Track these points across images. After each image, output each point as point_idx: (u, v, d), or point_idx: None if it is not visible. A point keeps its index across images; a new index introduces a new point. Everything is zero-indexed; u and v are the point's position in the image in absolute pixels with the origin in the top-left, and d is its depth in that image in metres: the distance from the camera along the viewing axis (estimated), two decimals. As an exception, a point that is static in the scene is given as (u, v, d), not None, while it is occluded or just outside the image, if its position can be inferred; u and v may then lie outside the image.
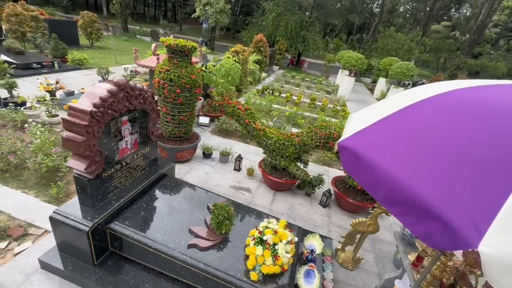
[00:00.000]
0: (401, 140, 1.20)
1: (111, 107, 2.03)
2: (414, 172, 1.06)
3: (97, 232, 2.13)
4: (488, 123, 1.01)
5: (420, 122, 1.20)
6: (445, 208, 0.93)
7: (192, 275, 2.12)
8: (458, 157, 1.00)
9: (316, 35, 16.87)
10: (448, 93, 1.22)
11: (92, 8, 36.05)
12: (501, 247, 0.80)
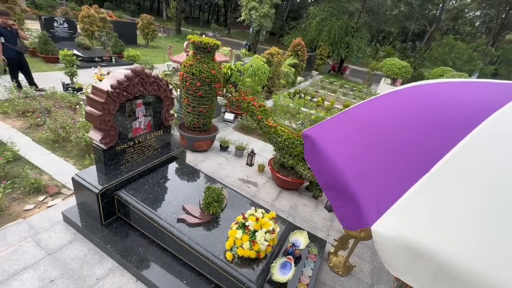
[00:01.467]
0: (347, 132, 1.24)
1: (126, 90, 2.37)
2: (348, 160, 1.09)
3: (106, 196, 2.49)
4: (420, 118, 0.99)
5: (367, 116, 1.21)
6: (361, 192, 0.95)
7: (177, 246, 2.33)
8: (385, 147, 1.00)
9: (362, 41, 16.17)
10: (399, 91, 1.21)
11: (155, 13, 40.03)
12: (394, 228, 0.81)
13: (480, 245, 0.72)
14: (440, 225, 0.78)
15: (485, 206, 0.76)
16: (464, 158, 0.82)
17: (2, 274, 2.12)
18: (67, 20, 9.55)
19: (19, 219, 2.66)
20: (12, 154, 3.44)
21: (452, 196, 0.79)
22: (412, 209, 0.82)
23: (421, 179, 0.84)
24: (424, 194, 0.82)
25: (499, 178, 0.77)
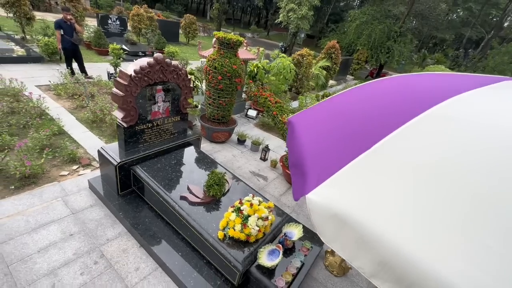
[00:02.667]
0: (321, 117, 1.29)
1: (147, 75, 2.64)
2: (311, 142, 1.15)
3: (123, 169, 2.80)
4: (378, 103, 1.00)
5: (341, 103, 1.25)
6: (309, 168, 1.00)
7: (177, 221, 2.54)
8: (342, 130, 1.04)
9: (405, 46, 15.19)
10: (379, 81, 1.23)
11: (200, 14, 42.17)
12: (326, 198, 0.86)
13: (399, 218, 0.75)
14: (365, 197, 0.81)
15: (410, 184, 0.77)
16: (398, 141, 0.84)
17: (34, 223, 2.53)
18: (120, 18, 10.63)
19: (54, 182, 3.12)
20: (58, 129, 4.01)
21: (380, 173, 0.82)
22: (344, 182, 0.86)
23: (358, 156, 0.87)
24: (357, 170, 0.85)
25: (426, 161, 0.78)
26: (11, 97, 4.58)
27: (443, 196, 0.72)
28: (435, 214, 0.71)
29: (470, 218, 0.68)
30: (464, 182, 0.71)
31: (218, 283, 2.27)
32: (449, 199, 0.71)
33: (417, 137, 0.83)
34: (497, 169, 0.69)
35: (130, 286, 2.19)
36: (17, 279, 2.04)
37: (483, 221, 0.67)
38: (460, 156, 0.75)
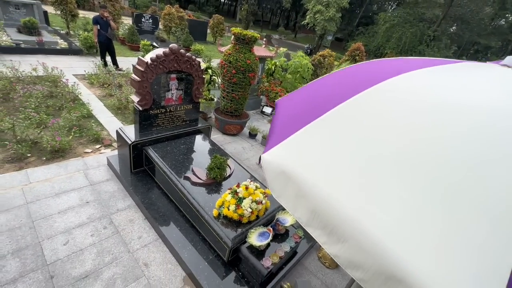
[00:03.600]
0: (301, 97, 1.39)
1: (162, 64, 2.89)
2: (286, 117, 1.26)
3: (136, 149, 3.08)
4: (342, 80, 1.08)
5: (320, 84, 1.34)
6: (274, 136, 1.12)
7: (179, 198, 2.74)
8: (309, 104, 1.14)
9: (439, 51, 14.37)
10: (360, 64, 1.29)
11: (230, 15, 43.18)
12: (276, 157, 0.97)
13: (329, 173, 0.84)
14: (307, 156, 0.90)
15: (342, 145, 0.85)
16: (340, 112, 0.92)
17: (58, 189, 2.87)
18: (152, 16, 11.33)
19: (79, 157, 3.49)
20: (87, 112, 4.46)
21: (321, 136, 0.90)
22: (292, 145, 0.96)
23: (308, 124, 0.97)
24: (304, 135, 0.95)
25: (356, 126, 0.85)
26: (51, 82, 5.16)
27: (368, 154, 0.80)
28: (360, 170, 0.80)
29: (389, 174, 0.75)
30: (388, 144, 0.79)
31: (210, 257, 2.42)
32: (373, 156, 0.79)
33: (355, 108, 0.91)
34: (415, 133, 0.76)
35: (132, 250, 2.42)
36: (38, 233, 2.36)
37: (401, 177, 0.74)
38: (388, 121, 0.82)
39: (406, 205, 0.69)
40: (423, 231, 0.65)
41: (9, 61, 5.54)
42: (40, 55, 6.86)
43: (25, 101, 4.19)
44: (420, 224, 0.66)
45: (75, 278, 2.10)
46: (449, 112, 0.78)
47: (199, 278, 2.23)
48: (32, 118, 3.72)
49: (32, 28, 7.51)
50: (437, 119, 0.77)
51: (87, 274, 2.15)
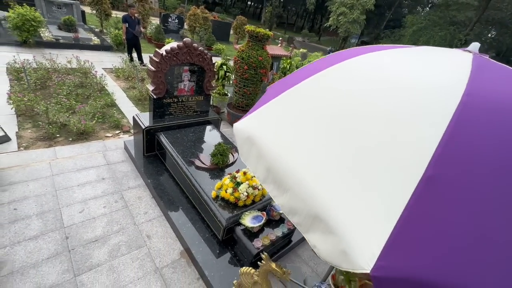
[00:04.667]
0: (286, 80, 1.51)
1: (176, 56, 3.13)
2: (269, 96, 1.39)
3: (149, 134, 3.34)
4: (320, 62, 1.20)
5: (302, 69, 1.46)
6: (252, 110, 1.26)
7: (183, 180, 2.95)
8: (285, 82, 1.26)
9: (470, 56, 13.54)
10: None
11: (256, 17, 43.69)
12: (245, 125, 1.11)
13: (283, 137, 0.96)
14: (268, 123, 1.02)
15: (298, 114, 0.97)
16: (303, 86, 1.03)
17: (79, 166, 3.21)
18: (178, 17, 11.89)
19: (100, 140, 3.85)
20: (111, 101, 4.86)
21: (279, 108, 1.03)
22: (259, 114, 1.08)
23: (273, 99, 1.10)
24: (271, 105, 1.07)
25: (315, 100, 0.96)
26: (82, 74, 5.67)
27: (309, 121, 0.91)
28: (302, 133, 0.91)
29: (324, 135, 0.86)
30: (326, 111, 0.90)
31: (206, 235, 2.59)
32: (311, 122, 0.90)
33: (307, 85, 1.03)
34: (349, 102, 0.87)
35: (138, 223, 2.66)
36: (60, 201, 2.68)
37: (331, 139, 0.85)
38: (330, 92, 0.93)
39: (332, 160, 0.80)
40: (340, 180, 0.76)
41: (48, 54, 6.17)
42: (76, 50, 7.52)
43: (59, 88, 4.68)
44: (339, 174, 0.77)
45: (86, 241, 2.36)
46: (380, 83, 0.88)
47: (194, 252, 2.41)
48: (63, 103, 4.16)
49: (70, 26, 8.25)
50: (368, 89, 0.87)
51: (96, 238, 2.41)
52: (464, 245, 0.61)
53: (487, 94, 0.77)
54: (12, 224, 2.34)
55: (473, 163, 0.66)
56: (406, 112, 0.78)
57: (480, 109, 0.73)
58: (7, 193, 2.63)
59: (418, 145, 0.71)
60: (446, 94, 0.78)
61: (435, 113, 0.74)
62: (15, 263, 2.06)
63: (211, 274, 2.26)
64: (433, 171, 0.66)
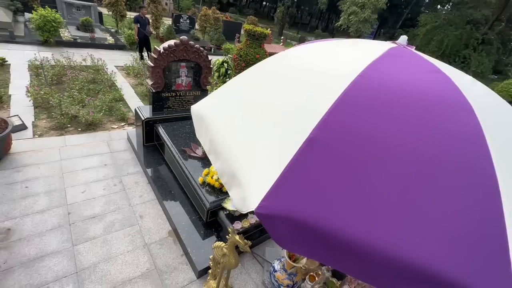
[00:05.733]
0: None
1: (173, 53, 3.37)
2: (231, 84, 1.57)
3: (148, 125, 3.61)
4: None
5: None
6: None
7: (176, 167, 3.19)
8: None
9: (487, 56, 13.06)
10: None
11: (270, 17, 43.83)
12: (199, 106, 1.30)
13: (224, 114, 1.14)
14: (214, 103, 1.21)
15: (241, 94, 1.15)
16: (256, 68, 1.21)
17: (85, 153, 3.53)
18: (190, 17, 12.29)
19: (106, 131, 4.17)
20: (119, 96, 5.20)
21: (226, 90, 1.21)
22: (211, 96, 1.28)
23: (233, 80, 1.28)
24: (220, 90, 1.26)
25: (252, 83, 1.14)
26: (95, 71, 6.08)
27: (244, 99, 1.09)
28: (239, 110, 1.09)
29: (250, 111, 1.04)
30: (260, 93, 1.07)
31: (193, 217, 2.81)
32: (245, 101, 1.08)
33: (252, 70, 1.20)
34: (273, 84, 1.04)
35: (132, 205, 2.92)
36: (65, 182, 2.99)
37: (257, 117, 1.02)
38: (264, 75, 1.10)
39: (248, 129, 0.97)
40: (251, 144, 0.93)
41: (66, 52, 6.65)
42: (92, 49, 8.02)
43: (72, 83, 5.07)
44: (252, 140, 0.94)
45: (86, 217, 2.64)
46: (299, 68, 1.05)
47: (181, 232, 2.63)
48: (75, 97, 4.53)
49: (87, 26, 8.79)
50: (287, 72, 1.04)
51: (94, 215, 2.69)
52: (332, 193, 0.77)
53: (378, 76, 0.92)
54: (23, 200, 2.66)
55: (348, 130, 0.81)
56: (310, 89, 0.94)
57: (365, 88, 0.88)
58: (21, 173, 2.97)
59: (311, 114, 0.87)
60: (344, 75, 0.93)
61: (330, 89, 0.90)
62: (23, 231, 2.36)
63: (193, 251, 2.47)
64: (314, 134, 0.82)
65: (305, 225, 0.76)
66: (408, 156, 0.78)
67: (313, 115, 0.86)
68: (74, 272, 2.15)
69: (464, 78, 1.02)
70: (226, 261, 1.91)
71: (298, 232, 0.78)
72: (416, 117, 0.83)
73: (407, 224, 0.73)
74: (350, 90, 0.88)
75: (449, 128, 0.82)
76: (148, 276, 2.26)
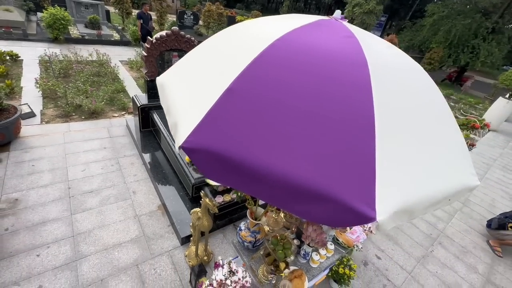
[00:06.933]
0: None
1: (164, 43, 3.59)
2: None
3: (143, 111, 3.87)
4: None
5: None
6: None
7: (167, 148, 3.43)
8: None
9: (497, 46, 12.64)
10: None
11: (278, 12, 43.59)
12: (163, 76, 1.50)
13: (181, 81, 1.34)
14: (175, 72, 1.42)
15: (195, 62, 1.34)
16: (213, 39, 1.40)
17: (87, 137, 3.83)
18: (193, 13, 12.52)
19: (107, 118, 4.47)
20: (121, 88, 5.51)
21: (186, 60, 1.41)
22: (173, 66, 1.48)
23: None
24: (183, 59, 1.46)
25: (211, 52, 1.33)
26: (100, 64, 6.42)
27: (201, 64, 1.28)
28: (189, 72, 1.29)
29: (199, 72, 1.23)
30: (209, 55, 1.26)
31: (180, 193, 3.04)
32: (202, 65, 1.27)
33: (212, 40, 1.39)
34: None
35: (127, 182, 3.19)
36: (67, 161, 3.29)
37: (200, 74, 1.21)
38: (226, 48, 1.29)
39: (191, 85, 1.17)
40: (189, 97, 1.12)
41: (73, 48, 7.03)
42: (98, 45, 8.39)
43: (77, 76, 5.41)
44: (190, 94, 1.13)
45: (84, 191, 2.93)
46: (244, 35, 1.23)
47: (168, 205, 2.87)
48: (80, 88, 4.85)
49: (95, 24, 9.18)
50: (232, 39, 1.22)
51: (92, 190, 2.96)
52: (243, 130, 0.95)
53: (294, 39, 1.09)
54: (30, 176, 2.97)
55: (259, 81, 0.99)
56: (237, 52, 1.12)
57: (279, 48, 1.05)
58: (29, 154, 3.29)
59: (233, 70, 1.05)
60: (266, 39, 1.10)
61: (251, 51, 1.08)
62: (28, 202, 2.66)
63: (178, 221, 2.71)
64: (231, 85, 1.00)
65: (221, 156, 0.95)
66: (306, 101, 0.96)
67: (235, 71, 1.05)
68: (71, 236, 2.43)
69: (373, 41, 1.18)
70: (200, 223, 2.13)
71: (216, 162, 0.97)
72: (317, 70, 1.00)
73: (300, 154, 0.91)
74: (267, 50, 1.05)
75: (343, 79, 0.98)
76: (136, 242, 2.52)
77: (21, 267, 2.11)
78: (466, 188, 1.13)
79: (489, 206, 4.36)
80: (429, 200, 0.99)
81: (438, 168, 1.05)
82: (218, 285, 1.45)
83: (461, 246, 3.37)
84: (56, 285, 2.04)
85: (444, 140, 1.13)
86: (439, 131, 1.13)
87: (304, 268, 1.93)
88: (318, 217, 0.90)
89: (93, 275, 2.17)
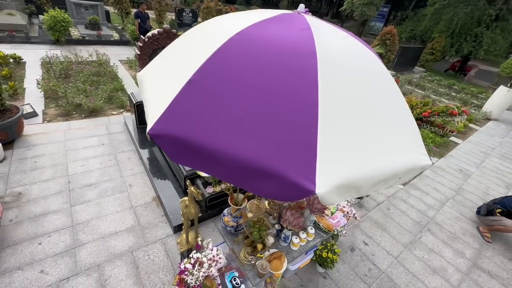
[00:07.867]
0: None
1: (157, 41, 3.71)
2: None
3: (139, 108, 4.01)
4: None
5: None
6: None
7: (162, 144, 3.56)
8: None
9: (502, 34, 12.37)
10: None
11: (278, 7, 43.19)
12: (143, 70, 1.62)
13: (159, 73, 1.45)
14: (155, 66, 1.53)
15: (172, 55, 1.45)
16: (192, 31, 1.50)
17: (87, 134, 4.00)
18: (192, 10, 12.59)
19: (106, 116, 4.63)
20: (120, 86, 5.66)
21: (165, 52, 1.51)
22: (152, 61, 1.59)
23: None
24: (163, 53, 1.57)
25: (188, 44, 1.43)
26: (99, 64, 6.59)
27: (178, 55, 1.39)
28: (164, 65, 1.40)
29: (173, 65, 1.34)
30: (185, 49, 1.37)
31: (174, 186, 3.18)
32: (178, 58, 1.38)
33: (189, 32, 1.49)
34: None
35: (124, 176, 3.34)
36: (67, 157, 3.46)
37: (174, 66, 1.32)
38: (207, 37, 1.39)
39: (165, 74, 1.28)
40: (162, 86, 1.24)
41: (74, 49, 7.21)
42: (99, 45, 8.56)
43: (77, 76, 5.58)
44: (164, 83, 1.24)
45: (83, 185, 3.09)
46: (215, 29, 1.33)
47: (162, 197, 3.01)
48: (79, 87, 5.02)
49: (95, 24, 9.34)
50: (207, 32, 1.33)
51: (90, 184, 3.13)
52: (202, 116, 1.06)
53: (252, 33, 1.19)
54: (32, 171, 3.14)
55: (216, 73, 1.10)
56: (201, 46, 1.22)
57: (236, 42, 1.15)
58: (31, 151, 3.46)
59: (195, 63, 1.15)
60: (226, 34, 1.20)
61: (212, 45, 1.18)
62: (31, 195, 2.84)
63: (171, 211, 2.85)
64: (192, 77, 1.11)
65: (182, 141, 1.06)
66: (257, 90, 1.06)
67: (196, 64, 1.15)
68: (70, 226, 2.59)
69: (328, 32, 1.26)
70: (188, 211, 2.26)
71: (179, 146, 1.08)
72: (270, 61, 1.10)
73: (251, 137, 1.01)
74: (225, 44, 1.15)
75: (292, 67, 1.08)
76: (131, 230, 2.67)
77: (24, 254, 2.28)
78: (416, 167, 1.22)
79: (483, 194, 4.39)
80: (376, 177, 1.08)
81: (385, 148, 1.14)
82: (195, 261, 1.58)
83: (450, 233, 3.43)
84: (56, 270, 2.21)
85: (393, 122, 1.22)
86: (388, 114, 1.21)
87: (284, 251, 2.04)
88: (267, 192, 1.01)
89: (91, 260, 2.33)
